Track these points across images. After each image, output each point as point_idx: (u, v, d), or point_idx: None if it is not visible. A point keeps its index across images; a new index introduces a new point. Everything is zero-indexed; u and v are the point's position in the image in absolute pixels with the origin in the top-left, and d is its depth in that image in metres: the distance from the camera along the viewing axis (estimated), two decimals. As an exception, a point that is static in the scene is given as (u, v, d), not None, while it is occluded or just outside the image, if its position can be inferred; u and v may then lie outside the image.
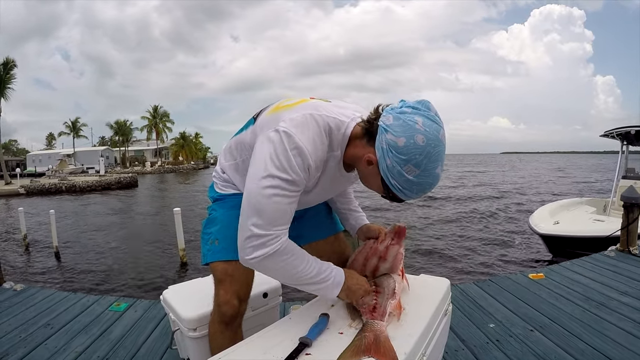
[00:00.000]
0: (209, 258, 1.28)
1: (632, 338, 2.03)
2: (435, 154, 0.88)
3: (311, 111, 0.99)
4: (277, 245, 0.96)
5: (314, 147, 0.95)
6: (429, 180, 0.91)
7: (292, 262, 0.99)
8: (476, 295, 2.72)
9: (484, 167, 56.40)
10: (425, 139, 0.87)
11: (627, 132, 7.47)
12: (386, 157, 0.90)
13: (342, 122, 1.01)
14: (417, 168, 0.88)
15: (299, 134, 0.93)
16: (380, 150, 0.92)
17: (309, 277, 1.01)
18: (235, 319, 1.28)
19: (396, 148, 0.88)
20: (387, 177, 0.92)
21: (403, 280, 1.21)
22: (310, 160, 0.94)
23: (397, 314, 1.06)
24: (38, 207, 17.56)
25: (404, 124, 0.89)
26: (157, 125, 52.60)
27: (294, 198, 0.97)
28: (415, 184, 0.91)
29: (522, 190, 21.66)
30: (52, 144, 67.83)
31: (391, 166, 0.90)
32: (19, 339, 2.21)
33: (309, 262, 1.02)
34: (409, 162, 0.88)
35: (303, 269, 1.00)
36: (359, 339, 0.93)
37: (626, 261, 3.39)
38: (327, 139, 1.00)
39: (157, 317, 2.49)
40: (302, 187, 0.98)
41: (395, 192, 0.95)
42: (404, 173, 0.89)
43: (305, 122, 0.96)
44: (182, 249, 7.28)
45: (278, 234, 0.96)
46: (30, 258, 8.69)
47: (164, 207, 16.15)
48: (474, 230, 10.61)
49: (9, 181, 28.13)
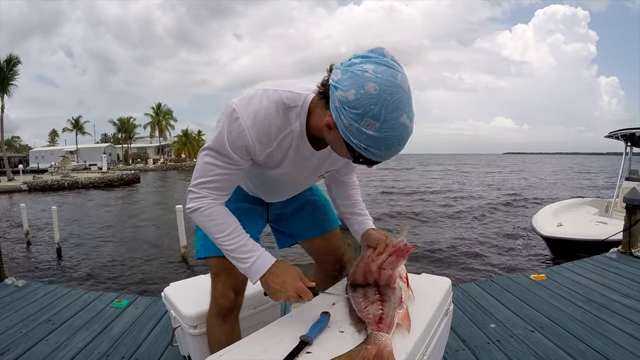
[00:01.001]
0: (202, 253, 1.30)
1: (633, 340, 2.02)
2: (393, 102, 0.78)
3: (266, 87, 0.98)
4: (199, 204, 1.03)
5: (255, 121, 0.95)
6: (394, 133, 0.80)
7: (211, 228, 1.04)
8: (477, 296, 2.72)
9: (487, 167, 56.30)
10: (377, 86, 0.77)
11: (632, 134, 7.44)
12: (341, 116, 0.82)
13: (298, 95, 0.96)
14: (375, 121, 0.78)
15: (241, 108, 0.94)
16: (334, 110, 0.83)
17: (227, 249, 1.05)
18: (232, 311, 1.30)
19: (348, 103, 0.79)
20: (348, 138, 0.83)
21: (408, 289, 1.16)
22: (247, 133, 0.95)
23: (406, 325, 0.98)
24: (40, 203, 17.62)
25: (352, 75, 0.80)
26: (160, 122, 52.67)
27: (227, 169, 1.01)
28: (379, 140, 0.81)
29: (525, 190, 21.62)
30: (54, 140, 68.09)
31: (348, 124, 0.81)
32: (20, 335, 2.22)
33: (230, 234, 1.04)
34: (364, 115, 0.78)
35: (221, 237, 1.04)
36: (357, 350, 0.87)
37: (628, 263, 3.38)
38: (280, 113, 0.96)
39: (158, 314, 2.50)
40: (236, 163, 1.00)
41: (361, 152, 0.85)
42: (362, 129, 0.80)
43: (253, 97, 0.96)
44: (183, 246, 7.29)
45: (204, 195, 1.02)
46: (32, 254, 8.72)
47: (166, 204, 16.18)
48: (476, 230, 10.59)
49: (12, 177, 28.26)
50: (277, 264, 1.06)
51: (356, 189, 1.39)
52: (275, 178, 1.13)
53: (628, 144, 7.85)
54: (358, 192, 1.39)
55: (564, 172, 43.96)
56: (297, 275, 1.05)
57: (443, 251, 8.17)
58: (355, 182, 1.40)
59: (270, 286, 1.04)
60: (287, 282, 1.03)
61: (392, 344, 0.89)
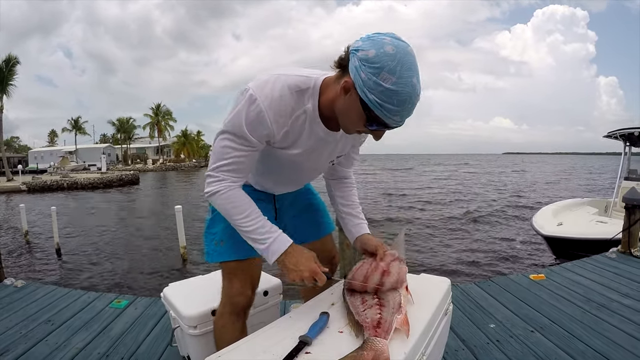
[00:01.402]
0: (215, 258, 1.30)
1: (633, 340, 2.02)
2: (407, 63, 0.88)
3: (279, 72, 1.03)
4: (217, 187, 1.06)
5: (271, 102, 0.99)
6: (407, 89, 0.88)
7: (229, 210, 1.08)
8: (477, 296, 2.72)
9: (487, 167, 56.32)
10: (394, 48, 0.88)
11: (630, 134, 7.46)
12: (360, 72, 0.89)
13: (309, 78, 1.03)
14: (392, 75, 0.87)
15: (258, 90, 0.98)
16: (353, 70, 0.91)
17: (245, 230, 1.09)
18: (247, 309, 1.31)
19: (368, 60, 0.88)
20: (364, 93, 0.90)
21: (407, 293, 1.15)
22: (265, 114, 0.99)
23: (405, 330, 0.96)
24: (39, 203, 17.60)
25: (373, 40, 0.90)
26: (160, 122, 52.66)
27: (243, 151, 1.04)
28: (394, 93, 0.88)
29: (525, 190, 21.64)
30: (54, 141, 68.03)
31: (366, 79, 0.88)
32: (19, 335, 2.22)
33: (248, 216, 1.08)
34: (382, 69, 0.87)
35: (240, 219, 1.08)
36: (352, 355, 0.86)
37: (627, 263, 3.38)
38: (294, 95, 1.02)
39: (157, 314, 2.49)
40: (252, 144, 1.03)
41: (376, 110, 0.91)
42: (380, 82, 0.87)
43: (267, 81, 1.00)
44: (183, 246, 7.29)
45: (222, 178, 1.06)
46: (31, 254, 8.72)
47: (165, 205, 16.18)
48: (475, 230, 10.60)
49: (11, 178, 28.23)
50: (294, 246, 1.11)
51: (354, 189, 1.43)
52: (290, 160, 1.15)
53: (627, 143, 7.87)
54: (355, 192, 1.43)
55: (567, 172, 43.87)
56: (312, 258, 1.11)
57: (442, 251, 8.18)
58: (353, 181, 1.43)
59: (286, 266, 1.08)
60: (301, 263, 1.08)
61: (390, 350, 0.87)
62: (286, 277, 1.10)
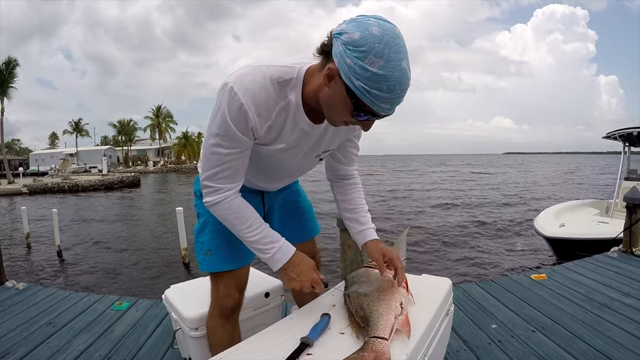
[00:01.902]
0: (204, 268, 1.29)
1: (634, 339, 2.02)
2: (395, 45, 0.81)
3: (258, 63, 0.97)
4: (218, 198, 1.04)
5: (253, 95, 0.93)
6: (396, 74, 0.81)
7: (233, 220, 1.07)
8: (478, 296, 2.72)
9: (487, 167, 56.26)
10: (380, 29, 0.81)
11: (629, 134, 7.46)
12: (345, 57, 0.82)
13: (292, 68, 0.97)
14: (379, 58, 0.80)
15: (237, 84, 0.93)
16: (337, 55, 0.84)
17: (249, 240, 1.08)
18: (235, 311, 1.30)
19: (353, 42, 0.81)
20: (350, 80, 0.83)
21: (408, 293, 1.14)
22: (247, 108, 0.93)
23: (406, 331, 0.96)
24: (41, 206, 17.62)
25: (357, 22, 0.83)
26: (160, 124, 52.70)
27: (235, 152, 1.00)
28: (382, 78, 0.81)
29: (526, 191, 21.61)
30: (54, 143, 68.13)
31: (352, 64, 0.82)
32: (20, 338, 2.22)
33: (251, 226, 1.07)
34: (369, 52, 0.80)
35: (243, 230, 1.07)
36: (353, 357, 0.85)
37: (629, 262, 3.38)
38: (276, 86, 0.96)
39: (158, 316, 2.50)
40: (241, 142, 0.98)
41: (363, 98, 0.84)
42: (367, 67, 0.80)
43: (246, 73, 0.95)
44: (184, 248, 7.29)
45: (220, 187, 1.03)
46: (33, 257, 8.73)
47: (166, 207, 16.18)
48: (476, 230, 10.58)
49: (12, 180, 28.27)
50: (297, 254, 1.12)
51: (357, 191, 1.36)
52: (274, 156, 1.10)
53: (626, 144, 7.86)
54: (360, 194, 1.36)
55: (572, 172, 43.59)
56: (313, 267, 1.12)
57: (444, 251, 8.17)
58: (357, 181, 1.37)
59: (288, 274, 1.09)
60: (304, 273, 1.09)
61: (391, 351, 0.88)
62: (286, 285, 1.12)
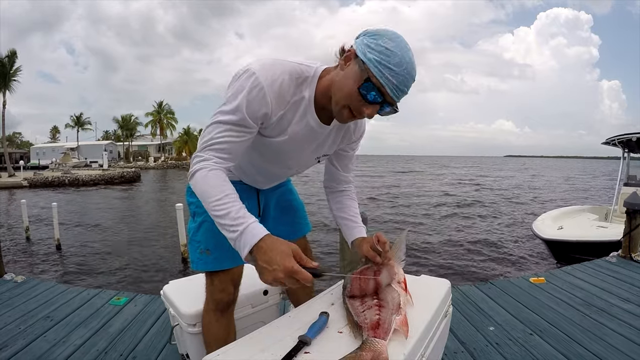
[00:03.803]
0: (200, 267, 1.29)
1: (632, 345, 2.02)
2: (405, 44, 0.94)
3: (277, 58, 1.03)
4: (200, 166, 0.98)
5: (272, 82, 0.98)
6: (404, 55, 0.93)
7: (207, 190, 0.96)
8: (477, 298, 2.72)
9: (492, 171, 56.20)
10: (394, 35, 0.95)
11: (629, 140, 7.46)
12: (363, 39, 0.96)
13: (309, 67, 1.05)
14: (392, 41, 0.93)
15: (259, 69, 0.97)
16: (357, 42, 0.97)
17: (217, 214, 0.94)
18: (230, 305, 1.31)
19: (371, 33, 0.96)
20: (364, 54, 0.94)
21: (407, 293, 1.13)
22: (267, 93, 0.97)
23: (404, 331, 0.95)
24: (41, 199, 17.62)
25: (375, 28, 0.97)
26: (162, 120, 52.71)
27: (235, 132, 0.99)
28: (392, 53, 0.92)
29: (526, 194, 21.61)
30: (56, 137, 68.18)
31: (368, 43, 0.94)
32: (18, 331, 2.22)
33: (222, 200, 0.93)
34: (384, 36, 0.93)
35: (213, 202, 0.94)
36: (351, 356, 0.85)
37: (628, 267, 3.37)
38: (294, 81, 1.03)
39: (156, 312, 2.50)
40: (246, 124, 0.99)
41: (373, 70, 0.93)
42: (380, 43, 0.92)
43: (269, 62, 1.01)
44: (183, 244, 7.29)
45: (207, 157, 0.99)
46: (32, 250, 8.73)
47: (166, 202, 16.19)
48: (476, 232, 10.58)
49: (13, 173, 28.30)
50: (268, 238, 0.91)
51: (351, 200, 1.40)
52: (278, 149, 1.13)
53: (625, 150, 7.86)
54: (353, 202, 1.40)
55: (576, 177, 43.47)
56: (289, 252, 0.88)
57: (443, 253, 8.17)
58: (351, 191, 1.41)
59: (257, 263, 0.89)
60: (275, 261, 0.86)
61: (388, 351, 0.87)
62: (260, 278, 0.90)
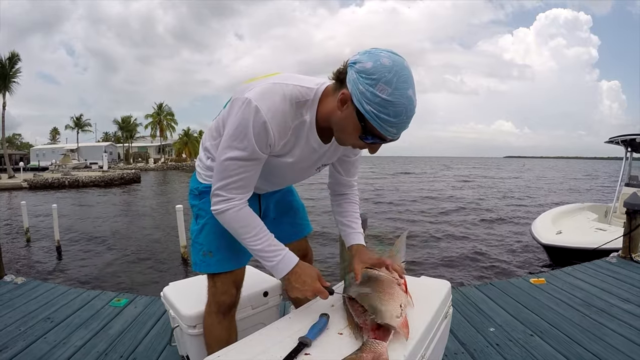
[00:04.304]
0: (203, 269, 1.30)
1: (632, 345, 2.02)
2: (403, 76, 0.90)
3: (277, 81, 1.03)
4: (226, 207, 1.07)
5: (274, 114, 0.98)
6: (402, 101, 0.90)
7: (239, 229, 1.09)
8: (477, 299, 2.71)
9: (487, 171, 56.18)
10: (390, 60, 0.90)
11: (632, 139, 7.45)
12: (358, 84, 0.91)
13: (309, 89, 1.04)
14: (388, 86, 0.89)
15: (260, 101, 0.97)
16: (351, 82, 0.93)
17: (253, 249, 1.10)
18: (232, 308, 1.32)
19: (365, 71, 0.90)
20: (361, 104, 0.92)
21: (407, 295, 1.14)
22: (269, 127, 0.98)
23: (404, 333, 0.96)
24: (40, 201, 17.61)
25: (370, 54, 0.93)
26: (162, 122, 52.74)
27: (250, 165, 1.04)
28: (390, 104, 0.90)
29: (526, 194, 21.60)
30: (56, 138, 68.17)
31: (364, 90, 0.90)
32: (18, 332, 2.22)
33: (256, 235, 1.09)
34: (379, 80, 0.89)
35: (248, 238, 1.09)
36: (351, 358, 0.86)
37: (628, 268, 3.37)
38: (294, 106, 1.02)
39: (157, 313, 2.49)
40: (258, 156, 1.03)
41: (372, 121, 0.92)
42: (377, 93, 0.89)
43: (268, 90, 1.00)
44: (183, 245, 7.29)
45: (230, 197, 1.06)
46: (32, 252, 8.72)
47: (166, 204, 16.19)
48: (476, 233, 10.57)
49: (12, 175, 28.29)
50: (300, 264, 1.13)
51: (354, 204, 1.41)
52: (280, 166, 1.15)
53: (628, 149, 7.86)
54: (356, 208, 1.41)
55: (577, 178, 43.30)
56: (317, 276, 1.13)
57: (443, 254, 8.16)
58: (354, 197, 1.42)
59: (291, 284, 1.11)
60: (307, 283, 1.10)
61: (389, 353, 0.88)
62: (289, 293, 1.13)
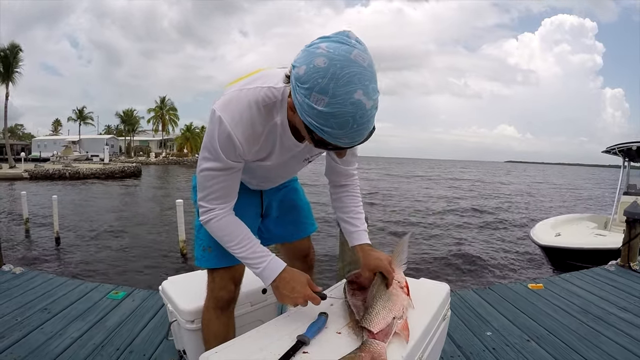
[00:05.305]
0: (202, 264, 1.30)
1: (628, 354, 2.01)
2: (344, 76, 0.73)
3: (242, 87, 0.97)
4: (209, 216, 1.08)
5: (238, 123, 0.94)
6: (345, 109, 0.74)
7: (223, 237, 1.10)
8: (475, 303, 2.71)
9: (488, 175, 56.13)
10: (326, 59, 0.73)
11: (629, 149, 7.47)
12: (297, 94, 0.79)
13: (277, 89, 0.95)
14: (324, 95, 0.74)
15: (223, 112, 0.94)
16: (293, 90, 0.81)
17: (240, 256, 1.10)
18: (231, 303, 1.31)
19: (299, 79, 0.77)
20: (303, 116, 0.80)
21: (408, 297, 1.14)
22: (233, 135, 0.95)
23: (404, 335, 0.95)
24: (41, 192, 17.62)
25: (307, 52, 0.77)
26: (164, 116, 52.75)
27: (224, 176, 1.04)
28: (329, 116, 0.75)
29: (526, 200, 21.59)
30: (57, 130, 68.19)
31: (301, 101, 0.78)
32: (15, 322, 2.22)
33: (239, 243, 1.09)
34: (312, 90, 0.74)
35: (233, 246, 1.09)
36: (349, 357, 0.86)
37: (626, 276, 3.37)
38: (262, 110, 0.96)
39: (154, 307, 2.50)
40: (230, 166, 1.01)
41: (318, 133, 0.80)
42: (312, 105, 0.75)
43: (233, 99, 0.95)
44: (182, 240, 7.30)
45: (212, 207, 1.08)
46: (31, 242, 8.74)
47: (166, 198, 16.19)
48: (475, 238, 10.57)
49: (13, 165, 28.33)
50: (287, 270, 1.10)
51: (355, 197, 1.31)
52: (265, 168, 1.14)
53: (625, 158, 7.87)
54: (356, 199, 1.31)
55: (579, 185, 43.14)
56: (306, 282, 1.08)
57: (442, 257, 8.17)
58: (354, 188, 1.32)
59: (280, 291, 1.08)
60: (296, 289, 1.06)
61: (387, 354, 0.88)
62: (279, 301, 1.11)
